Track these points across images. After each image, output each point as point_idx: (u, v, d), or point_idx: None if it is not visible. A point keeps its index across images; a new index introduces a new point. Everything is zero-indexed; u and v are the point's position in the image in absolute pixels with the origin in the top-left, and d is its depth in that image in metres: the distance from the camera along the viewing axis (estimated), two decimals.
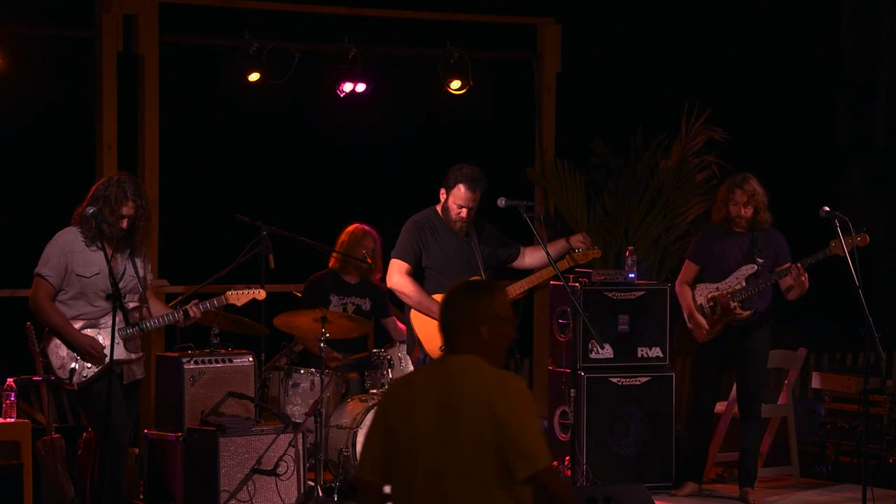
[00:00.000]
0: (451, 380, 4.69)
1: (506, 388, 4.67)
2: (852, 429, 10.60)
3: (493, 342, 4.77)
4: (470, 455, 4.63)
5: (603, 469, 9.78)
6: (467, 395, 4.65)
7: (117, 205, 7.82)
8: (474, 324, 4.74)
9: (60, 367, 7.83)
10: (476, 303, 4.77)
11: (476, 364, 4.71)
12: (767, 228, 9.63)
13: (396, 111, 11.67)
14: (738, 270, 9.57)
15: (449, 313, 4.79)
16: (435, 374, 4.78)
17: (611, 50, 12.54)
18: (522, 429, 4.62)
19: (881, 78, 14.50)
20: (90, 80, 10.52)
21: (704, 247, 9.74)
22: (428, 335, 8.19)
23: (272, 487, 9.03)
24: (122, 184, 7.88)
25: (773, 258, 9.59)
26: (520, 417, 4.63)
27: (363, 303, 10.17)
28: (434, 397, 4.68)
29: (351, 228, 10.21)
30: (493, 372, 4.71)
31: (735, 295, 9.52)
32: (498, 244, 8.43)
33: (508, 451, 4.62)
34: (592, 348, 9.93)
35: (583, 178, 11.65)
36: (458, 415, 4.64)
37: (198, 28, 11.03)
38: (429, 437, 4.66)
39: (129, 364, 7.95)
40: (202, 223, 11.06)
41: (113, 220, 7.80)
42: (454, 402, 4.65)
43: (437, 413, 4.66)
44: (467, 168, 8.24)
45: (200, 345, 9.53)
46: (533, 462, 4.65)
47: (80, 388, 7.81)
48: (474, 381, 4.67)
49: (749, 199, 9.56)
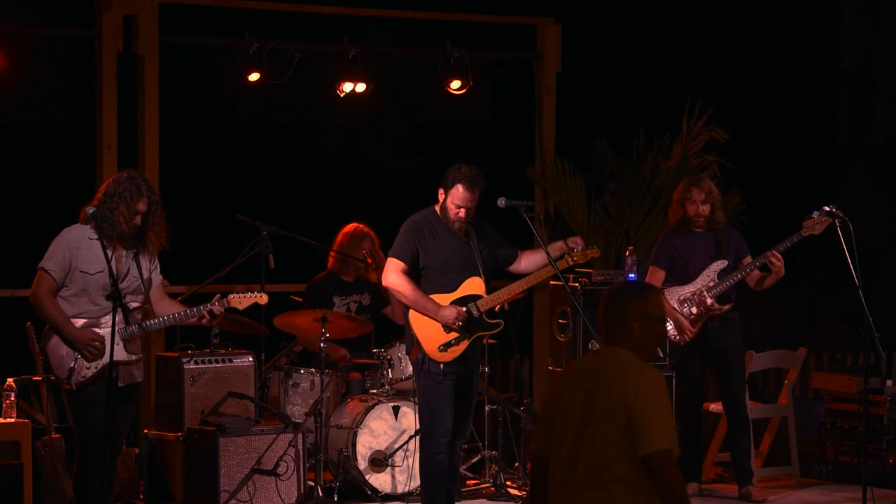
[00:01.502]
0: (598, 366, 5.18)
1: (640, 377, 5.08)
2: (852, 429, 10.59)
3: (642, 338, 5.22)
4: (602, 434, 5.05)
5: None
6: (607, 380, 5.10)
7: (133, 201, 7.79)
8: (626, 320, 5.21)
9: (59, 366, 7.81)
10: (630, 301, 5.25)
11: (621, 355, 5.17)
12: (723, 227, 9.72)
13: (396, 111, 11.67)
14: (709, 267, 9.63)
15: (608, 309, 5.27)
16: (588, 361, 5.35)
17: (611, 50, 12.54)
18: (645, 411, 5.01)
19: (881, 78, 14.50)
20: (90, 80, 10.53)
21: (668, 251, 9.79)
22: (426, 335, 8.19)
23: (272, 487, 9.04)
24: (134, 180, 7.87)
25: (735, 255, 9.70)
26: (646, 401, 5.03)
27: (363, 298, 10.19)
28: (582, 380, 5.17)
29: (348, 229, 10.21)
30: (635, 363, 5.14)
31: (709, 291, 9.57)
32: (496, 245, 8.43)
33: (632, 431, 5.01)
34: (592, 348, 9.93)
35: (583, 178, 11.65)
36: (596, 396, 5.09)
37: (198, 28, 11.03)
38: (574, 415, 5.12)
39: (127, 366, 7.91)
40: (202, 223, 11.05)
41: (129, 216, 7.78)
42: (596, 385, 5.11)
43: (582, 394, 5.13)
44: (465, 168, 8.24)
45: (200, 345, 9.54)
46: (649, 442, 5.00)
47: (78, 387, 7.79)
48: (616, 368, 5.12)
49: (706, 197, 9.67)
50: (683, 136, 11.60)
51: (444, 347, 8.18)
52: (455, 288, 8.24)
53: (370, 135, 11.64)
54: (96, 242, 7.71)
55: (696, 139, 11.59)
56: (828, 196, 9.92)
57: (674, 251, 9.76)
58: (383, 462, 9.49)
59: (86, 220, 7.82)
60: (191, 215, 11.07)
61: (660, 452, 5.01)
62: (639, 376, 5.08)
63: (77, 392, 7.80)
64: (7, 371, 8.80)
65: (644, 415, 5.01)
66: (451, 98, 11.38)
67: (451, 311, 8.16)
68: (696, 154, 11.59)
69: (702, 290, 9.59)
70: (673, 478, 5.04)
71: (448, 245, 8.24)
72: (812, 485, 10.34)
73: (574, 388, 5.17)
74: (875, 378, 10.41)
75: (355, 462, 9.44)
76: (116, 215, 7.76)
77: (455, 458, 8.40)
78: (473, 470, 9.94)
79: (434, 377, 8.18)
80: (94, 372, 7.77)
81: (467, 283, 8.25)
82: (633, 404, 5.01)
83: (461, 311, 8.16)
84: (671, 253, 9.76)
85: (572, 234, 11.30)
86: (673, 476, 5.04)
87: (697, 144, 11.59)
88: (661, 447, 5.01)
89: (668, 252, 9.78)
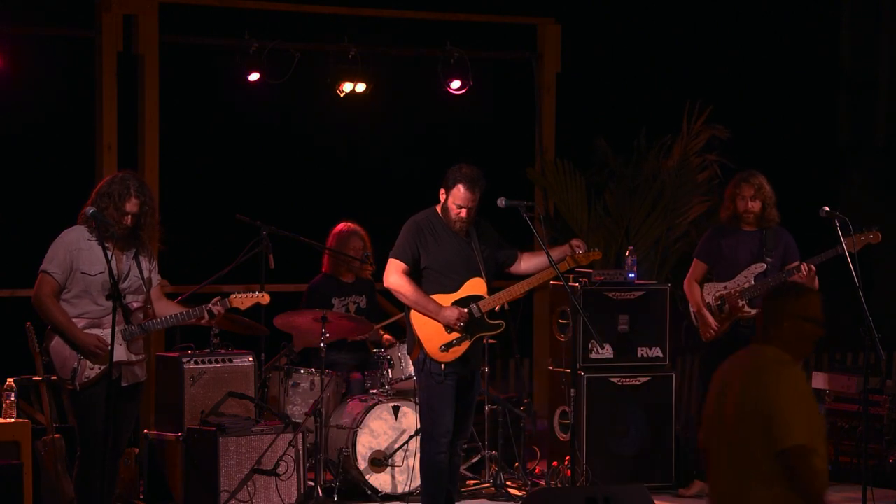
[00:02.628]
0: (746, 362, 5.45)
1: (780, 374, 5.31)
2: (852, 429, 10.59)
3: (791, 337, 5.45)
4: (746, 427, 5.29)
5: (603, 469, 9.78)
6: (751, 376, 5.36)
7: (121, 201, 7.79)
8: (779, 319, 5.46)
9: (62, 367, 7.81)
10: (786, 301, 5.50)
11: (769, 352, 5.42)
12: (776, 227, 9.61)
13: (396, 111, 11.68)
14: (748, 269, 9.55)
15: (765, 307, 5.53)
16: (740, 357, 5.55)
17: (611, 50, 12.55)
18: (784, 407, 5.23)
19: (881, 78, 14.50)
20: (90, 80, 10.53)
21: (713, 245, 9.71)
22: (428, 335, 8.19)
23: (272, 487, 9.04)
24: (125, 181, 7.86)
25: (782, 257, 9.54)
26: (784, 397, 5.25)
27: (361, 301, 10.19)
28: (734, 376, 5.44)
29: (336, 229, 10.21)
30: (778, 360, 5.38)
31: (744, 293, 9.50)
32: (497, 246, 8.43)
33: (771, 425, 5.23)
34: (592, 348, 9.93)
35: (583, 178, 11.65)
36: (743, 392, 5.35)
37: (198, 28, 11.03)
38: (725, 409, 5.38)
39: (130, 366, 7.91)
40: (202, 223, 11.05)
41: (118, 216, 7.78)
42: (743, 380, 5.37)
43: (734, 388, 5.38)
44: (466, 168, 8.23)
45: (200, 345, 9.54)
46: (785, 437, 5.21)
47: (82, 388, 7.79)
48: (759, 365, 5.38)
49: (756, 193, 9.53)
50: (684, 136, 11.60)
51: (445, 347, 8.18)
52: (457, 288, 8.24)
53: (370, 135, 11.64)
54: (96, 243, 7.71)
55: (697, 138, 11.59)
56: (828, 196, 9.92)
57: (716, 247, 9.67)
58: (383, 462, 9.49)
59: (86, 220, 7.82)
60: (191, 215, 11.10)
61: (795, 447, 5.21)
62: (779, 373, 5.31)
63: (80, 393, 7.80)
64: (7, 371, 8.80)
65: (782, 410, 5.22)
66: (451, 98, 11.38)
67: (452, 311, 8.15)
68: (697, 153, 11.58)
69: (735, 290, 9.53)
70: (806, 472, 5.25)
71: (449, 245, 8.23)
72: None
73: (724, 380, 5.46)
74: (875, 378, 10.41)
75: (355, 462, 9.44)
76: (106, 215, 7.76)
77: (456, 458, 8.39)
78: (473, 470, 9.94)
79: (435, 377, 8.18)
80: (98, 373, 7.77)
81: (469, 284, 8.25)
82: (773, 400, 5.24)
83: (462, 311, 8.16)
84: (713, 248, 9.67)
85: (572, 233, 11.32)
86: (806, 470, 5.25)
87: (698, 144, 11.59)
88: (797, 442, 5.21)
89: (711, 247, 9.70)
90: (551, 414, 10.21)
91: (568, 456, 9.49)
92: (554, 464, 9.99)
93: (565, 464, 9.60)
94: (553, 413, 10.19)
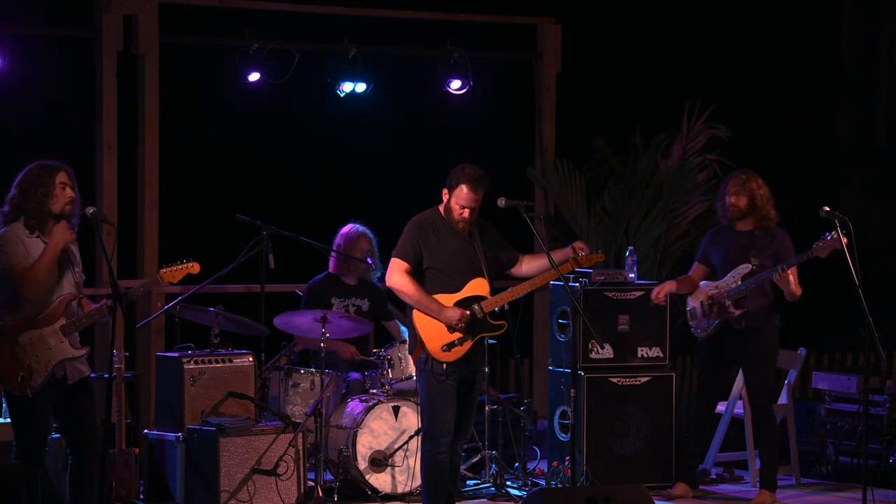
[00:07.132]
0: None
1: None
2: (852, 429, 10.60)
3: None
4: None
5: (603, 469, 9.78)
6: None
7: (51, 177, 7.77)
8: None
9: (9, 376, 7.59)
10: None
11: None
12: (772, 227, 9.58)
13: (396, 111, 11.67)
14: (735, 269, 9.54)
15: None
16: None
17: (611, 50, 12.54)
18: None
19: (881, 78, 14.50)
20: (90, 80, 10.52)
21: (708, 246, 9.73)
22: (430, 334, 8.19)
23: (272, 487, 9.04)
24: (42, 163, 7.85)
25: (774, 257, 9.47)
26: None
27: (362, 303, 10.18)
28: None
29: (345, 230, 10.21)
30: None
31: (729, 294, 9.49)
32: (499, 247, 8.43)
33: None
34: (592, 348, 9.93)
35: (583, 178, 11.65)
36: None
37: (198, 28, 11.03)
38: None
39: (72, 362, 7.74)
40: (202, 223, 11.05)
41: (58, 190, 7.74)
42: None
43: None
44: (469, 168, 8.24)
45: (200, 345, 9.53)
46: None
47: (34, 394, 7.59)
48: None
49: (741, 189, 9.50)
50: (684, 135, 11.60)
51: (447, 347, 8.17)
52: (460, 288, 8.23)
53: (370, 135, 11.63)
54: (37, 240, 7.64)
55: (697, 138, 11.59)
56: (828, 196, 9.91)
57: (708, 247, 9.69)
58: (383, 462, 9.49)
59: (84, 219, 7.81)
60: (191, 215, 11.10)
61: None
62: None
63: (32, 399, 7.61)
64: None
65: None
66: (451, 98, 11.38)
67: (454, 312, 8.15)
68: (697, 153, 11.58)
69: (722, 290, 9.52)
70: None
71: (452, 245, 8.24)
72: (812, 485, 10.34)
73: None
74: (875, 378, 10.42)
75: (355, 462, 9.44)
76: (43, 199, 7.69)
77: (456, 458, 8.40)
78: (473, 470, 9.94)
79: (437, 377, 8.18)
80: (45, 376, 7.64)
81: (472, 284, 8.24)
82: None
83: (465, 312, 8.16)
84: (709, 250, 9.68)
85: (572, 233, 11.33)
86: None
87: (698, 143, 11.59)
88: None
89: (707, 248, 9.71)
90: (551, 414, 10.21)
91: (568, 456, 9.49)
92: (554, 464, 9.99)
93: (565, 464, 9.60)
94: (553, 413, 10.19)
